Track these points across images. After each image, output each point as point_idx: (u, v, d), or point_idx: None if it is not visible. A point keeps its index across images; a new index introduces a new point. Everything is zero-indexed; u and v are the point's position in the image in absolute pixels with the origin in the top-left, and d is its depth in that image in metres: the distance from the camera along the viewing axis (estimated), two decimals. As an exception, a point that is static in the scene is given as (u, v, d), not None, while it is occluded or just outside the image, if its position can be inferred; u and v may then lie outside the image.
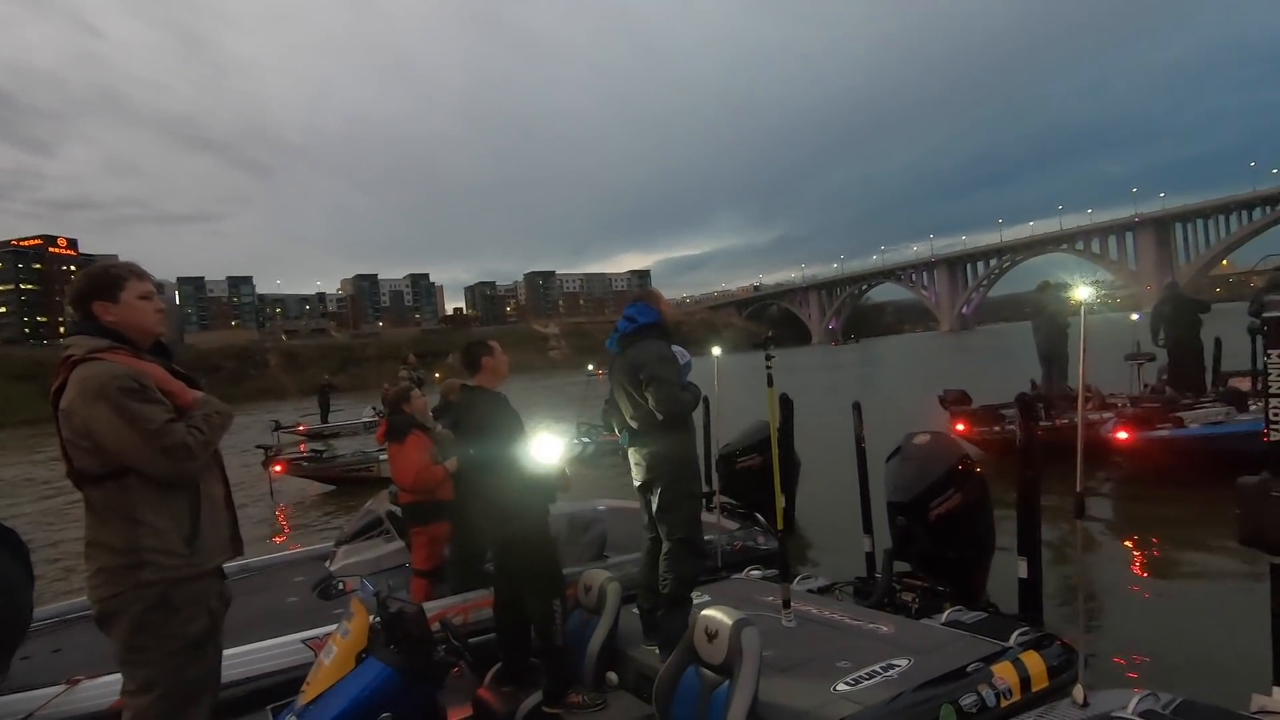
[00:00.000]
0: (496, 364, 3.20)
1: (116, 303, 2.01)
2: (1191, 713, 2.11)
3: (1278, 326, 2.26)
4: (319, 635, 3.35)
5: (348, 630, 2.48)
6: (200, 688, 2.00)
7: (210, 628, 2.01)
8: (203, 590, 1.99)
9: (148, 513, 1.90)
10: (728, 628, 2.30)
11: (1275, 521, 2.22)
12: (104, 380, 1.85)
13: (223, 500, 2.13)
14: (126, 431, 1.84)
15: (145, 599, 1.88)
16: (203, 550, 1.98)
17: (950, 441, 3.74)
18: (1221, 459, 5.55)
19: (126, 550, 1.88)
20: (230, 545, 2.14)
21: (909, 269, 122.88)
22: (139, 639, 1.89)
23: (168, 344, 2.19)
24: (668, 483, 3.11)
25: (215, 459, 2.13)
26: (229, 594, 2.16)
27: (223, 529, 2.10)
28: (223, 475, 2.16)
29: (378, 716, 2.29)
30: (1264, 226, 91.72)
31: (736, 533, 4.78)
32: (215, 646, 2.07)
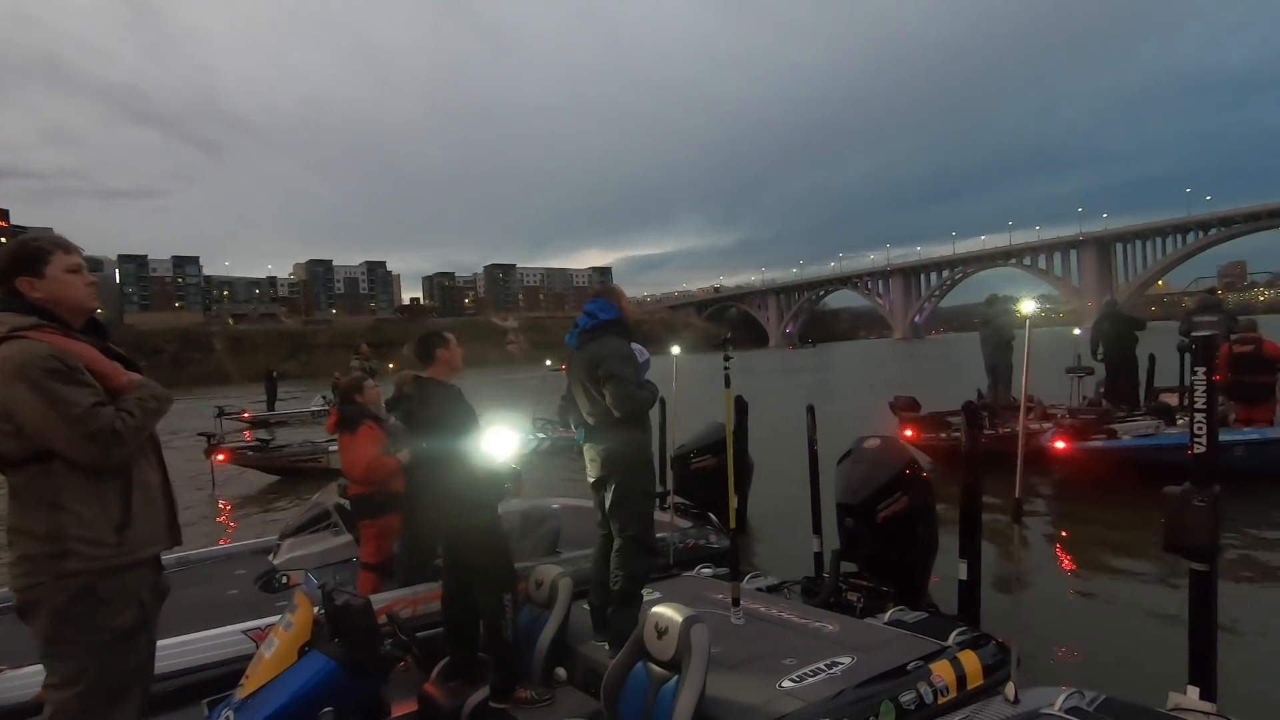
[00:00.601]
0: (451, 356, 3.15)
1: (42, 277, 1.91)
2: (1113, 709, 2.22)
3: (1204, 346, 2.39)
4: (260, 627, 3.27)
5: (290, 623, 2.43)
6: (128, 682, 1.93)
7: (141, 620, 1.94)
8: (133, 581, 1.92)
9: (73, 500, 1.81)
10: (677, 624, 2.32)
11: (1195, 530, 2.35)
12: (25, 359, 1.76)
13: (159, 488, 2.04)
14: (48, 414, 1.75)
15: (69, 589, 1.80)
16: (134, 540, 1.91)
17: (899, 447, 3.85)
18: (1150, 469, 5.83)
19: (49, 538, 1.79)
20: (166, 535, 2.06)
21: (865, 277, 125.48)
22: (62, 631, 1.81)
23: (104, 323, 2.10)
24: (622, 480, 3.13)
25: (152, 445, 2.05)
26: (165, 585, 2.09)
27: (158, 518, 2.02)
28: (160, 462, 2.08)
29: (319, 711, 2.25)
30: (1196, 250, 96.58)
31: (689, 531, 4.82)
32: (147, 639, 1.99)
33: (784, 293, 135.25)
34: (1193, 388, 2.35)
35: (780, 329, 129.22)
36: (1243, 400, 7.99)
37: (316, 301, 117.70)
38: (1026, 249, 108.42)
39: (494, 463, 3.11)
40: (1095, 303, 57.37)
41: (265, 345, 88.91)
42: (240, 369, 77.99)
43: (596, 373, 3.09)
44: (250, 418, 20.29)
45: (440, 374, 3.13)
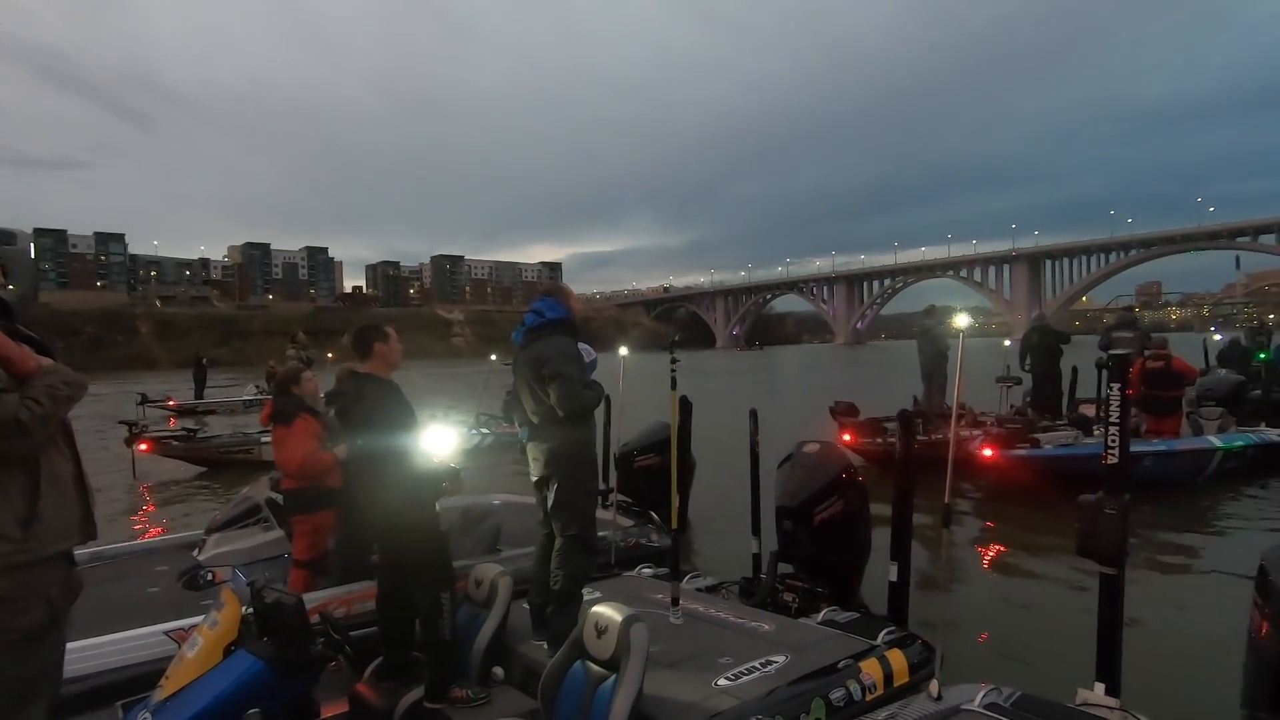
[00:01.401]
0: (389, 351, 3.08)
1: None
2: (1028, 705, 2.34)
3: (1120, 364, 2.55)
4: (183, 627, 3.13)
5: (216, 621, 2.35)
6: (34, 685, 1.82)
7: (49, 620, 1.83)
8: (40, 578, 1.80)
9: None
10: (617, 624, 2.34)
11: (1106, 536, 2.50)
12: None
13: (71, 479, 1.92)
14: None
15: None
16: (42, 534, 1.79)
17: (837, 451, 3.96)
18: (1069, 477, 6.15)
19: None
20: (79, 529, 1.94)
21: (811, 282, 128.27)
22: None
23: (13, 302, 1.96)
24: (565, 479, 3.12)
25: (64, 433, 1.92)
26: (77, 583, 1.98)
27: (70, 511, 1.90)
28: (73, 452, 1.95)
29: (245, 712, 2.18)
30: (1117, 269, 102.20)
31: (631, 530, 4.85)
32: (56, 640, 1.88)
33: (732, 295, 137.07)
34: (1108, 402, 2.50)
35: (727, 330, 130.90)
36: (1153, 413, 8.52)
37: (252, 286, 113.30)
38: (964, 262, 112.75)
39: (432, 460, 3.06)
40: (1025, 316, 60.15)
41: (195, 330, 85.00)
42: (167, 354, 74.36)
43: (542, 371, 3.08)
44: (176, 405, 19.41)
45: (377, 369, 3.05)
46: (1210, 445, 8.05)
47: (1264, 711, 2.18)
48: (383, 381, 3.01)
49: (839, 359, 55.74)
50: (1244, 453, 8.13)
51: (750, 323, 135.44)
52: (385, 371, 3.06)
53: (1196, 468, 7.89)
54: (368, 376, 3.02)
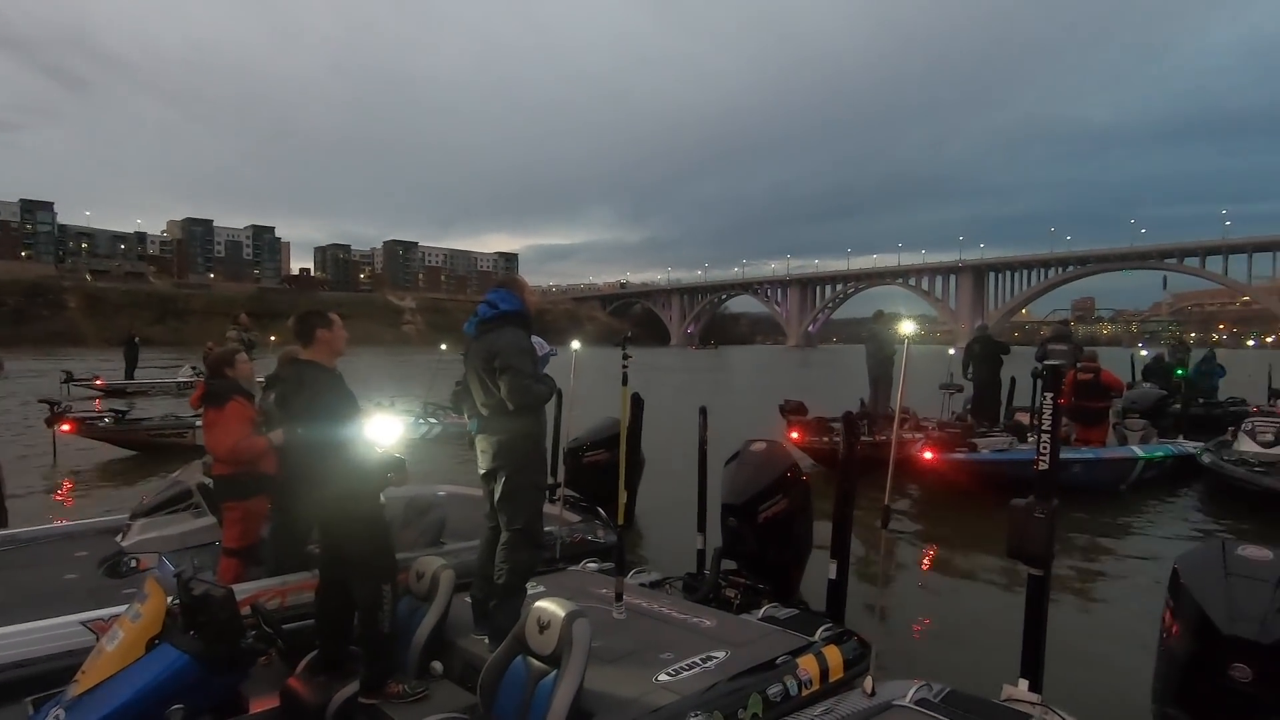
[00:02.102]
0: (333, 338, 2.98)
1: None
2: (955, 701, 2.42)
3: (1053, 374, 2.65)
4: (102, 617, 2.99)
5: (139, 613, 2.25)
6: None
7: None
8: None
9: None
10: (560, 619, 2.33)
11: (1034, 539, 2.60)
12: None
13: None
14: None
15: None
16: None
17: (783, 451, 4.02)
18: (1003, 482, 6.40)
19: None
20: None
21: (765, 284, 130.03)
22: None
23: None
24: (512, 472, 3.09)
25: None
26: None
27: None
28: None
29: (166, 709, 2.10)
30: (1056, 284, 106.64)
31: (577, 525, 4.83)
32: None
33: (688, 293, 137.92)
34: (1041, 410, 2.61)
35: (682, 329, 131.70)
36: (1082, 422, 8.92)
37: (193, 264, 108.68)
38: (913, 270, 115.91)
39: (375, 451, 2.99)
40: (969, 325, 62.20)
41: (129, 307, 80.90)
42: (97, 331, 70.59)
43: (493, 363, 3.04)
44: (104, 385, 18.45)
45: (320, 356, 2.95)
46: (1133, 455, 8.47)
47: (1171, 706, 2.31)
48: (325, 369, 2.92)
49: (791, 360, 56.69)
50: (1163, 463, 8.58)
51: (705, 322, 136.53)
52: (328, 359, 2.97)
53: (1120, 475, 8.29)
54: (309, 364, 2.93)
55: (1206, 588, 2.27)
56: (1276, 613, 2.13)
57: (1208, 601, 2.22)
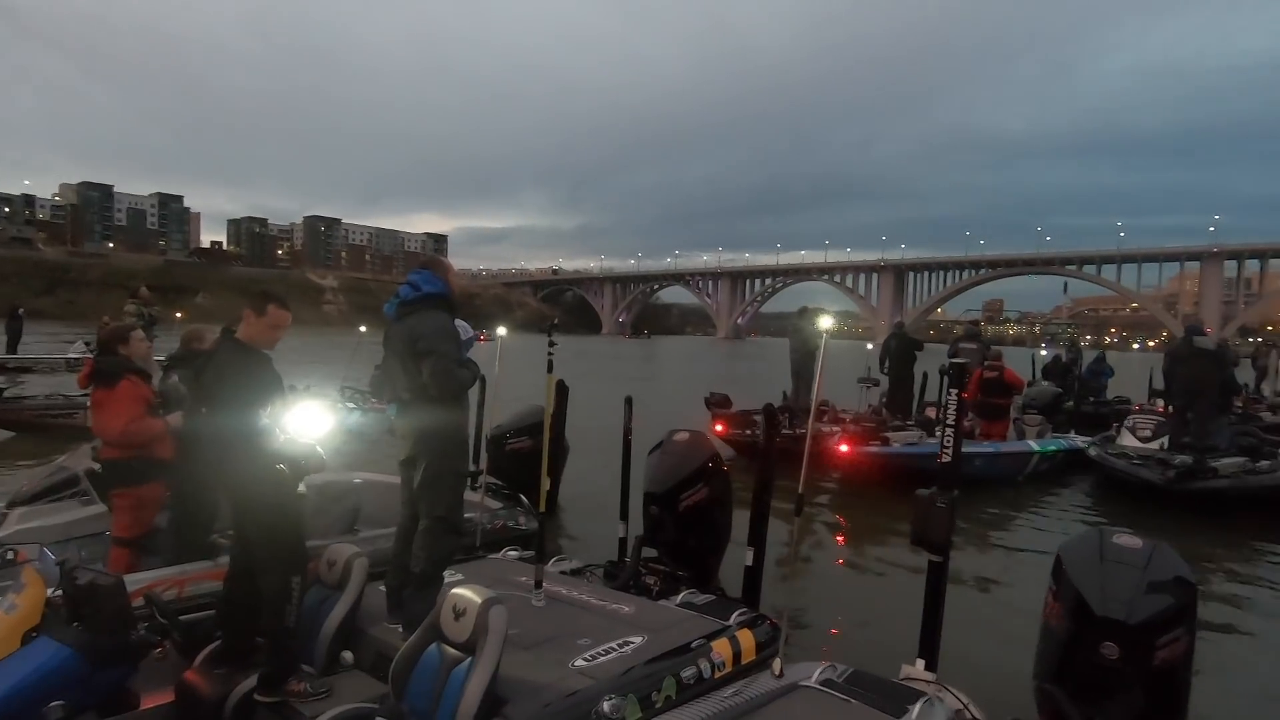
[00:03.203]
0: (259, 325, 2.82)
1: None
2: (858, 681, 2.54)
3: (957, 372, 2.80)
4: None
5: (14, 605, 2.10)
6: None
7: None
8: None
9: None
10: (476, 606, 2.31)
11: (935, 527, 2.76)
12: None
13: None
14: None
15: None
16: None
17: (705, 441, 4.09)
18: (912, 473, 6.72)
19: None
20: None
21: (697, 276, 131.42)
22: None
23: None
24: (433, 459, 3.03)
25: None
26: None
27: None
28: None
29: (45, 706, 1.96)
30: (969, 286, 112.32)
31: (498, 513, 4.79)
32: None
33: (620, 282, 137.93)
34: (946, 404, 2.75)
35: (614, 317, 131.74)
36: (986, 417, 9.47)
37: (89, 232, 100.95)
38: (838, 268, 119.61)
39: (294, 439, 2.86)
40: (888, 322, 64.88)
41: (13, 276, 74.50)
42: (-25, 300, 64.73)
43: (416, 347, 2.97)
44: (-18, 360, 16.95)
45: (256, 335, 2.81)
46: (1030, 449, 9.06)
47: (1049, 682, 2.50)
48: (255, 352, 2.78)
49: (720, 352, 57.69)
50: (1055, 456, 9.22)
51: (637, 311, 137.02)
52: (263, 342, 2.83)
53: (1018, 468, 8.86)
54: (240, 345, 2.78)
55: (1084, 573, 2.45)
56: (1142, 595, 2.32)
57: (1084, 585, 2.41)
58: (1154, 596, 2.32)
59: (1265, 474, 7.70)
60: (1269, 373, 16.78)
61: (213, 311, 56.28)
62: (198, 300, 76.32)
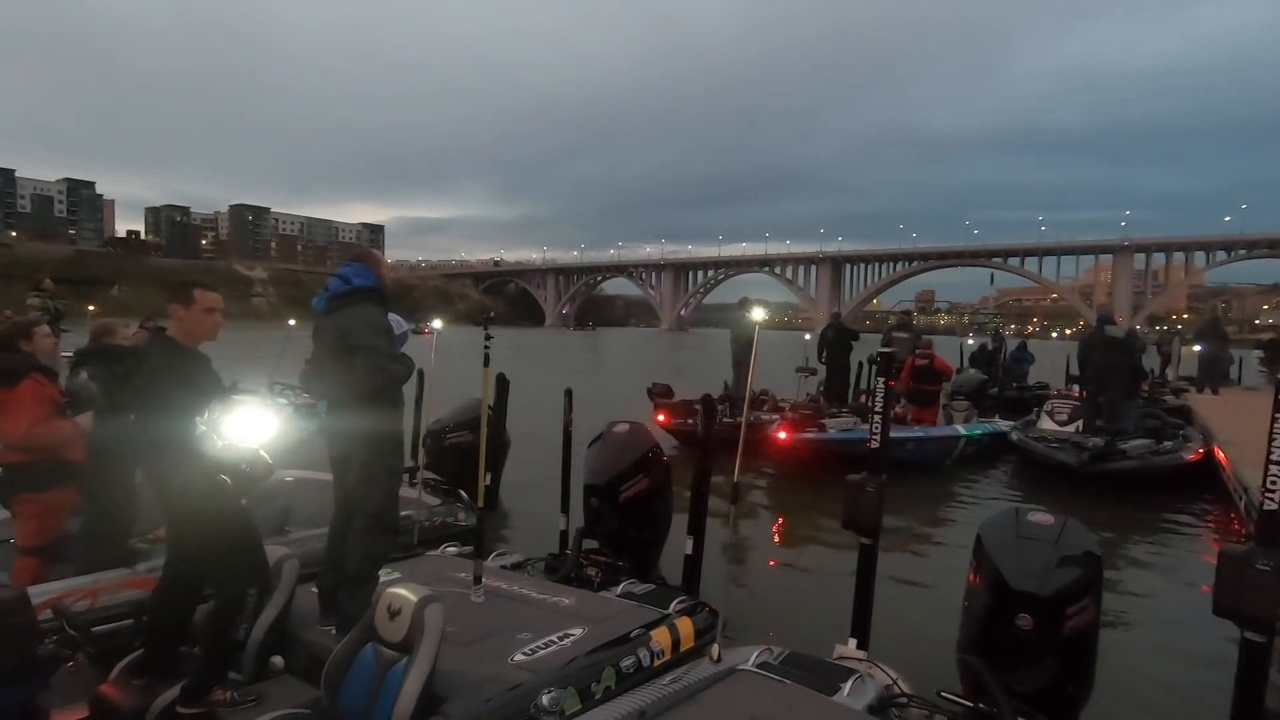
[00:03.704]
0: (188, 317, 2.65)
1: None
2: (793, 662, 2.62)
3: (885, 361, 2.90)
4: None
5: (-97, 623, 1.95)
6: None
7: None
8: None
9: None
10: (411, 605, 2.28)
11: (865, 511, 2.86)
12: None
13: None
14: None
15: None
16: None
17: (645, 432, 4.13)
18: (848, 459, 6.93)
19: None
20: None
21: (641, 267, 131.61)
22: None
23: None
24: (367, 456, 2.95)
25: None
26: None
27: None
28: None
29: None
30: (903, 278, 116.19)
31: (437, 509, 4.72)
32: None
33: (563, 274, 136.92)
34: (873, 392, 2.85)
35: (557, 309, 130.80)
36: (917, 404, 9.83)
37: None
38: (778, 259, 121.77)
39: (236, 446, 2.73)
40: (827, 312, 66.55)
41: (-100, 265, 68.80)
42: None
43: (347, 342, 2.88)
44: None
45: (193, 328, 2.65)
46: (957, 433, 9.47)
47: (971, 654, 2.63)
48: (183, 349, 2.62)
49: (664, 343, 58.02)
50: (981, 440, 9.66)
51: (580, 303, 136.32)
52: (192, 339, 2.67)
53: (946, 452, 9.24)
54: (171, 343, 2.61)
55: (1001, 550, 2.59)
56: (1054, 569, 2.47)
57: (1001, 561, 2.54)
58: (1064, 570, 2.47)
59: (1168, 454, 8.26)
60: (1172, 359, 18.00)
61: (130, 304, 53.18)
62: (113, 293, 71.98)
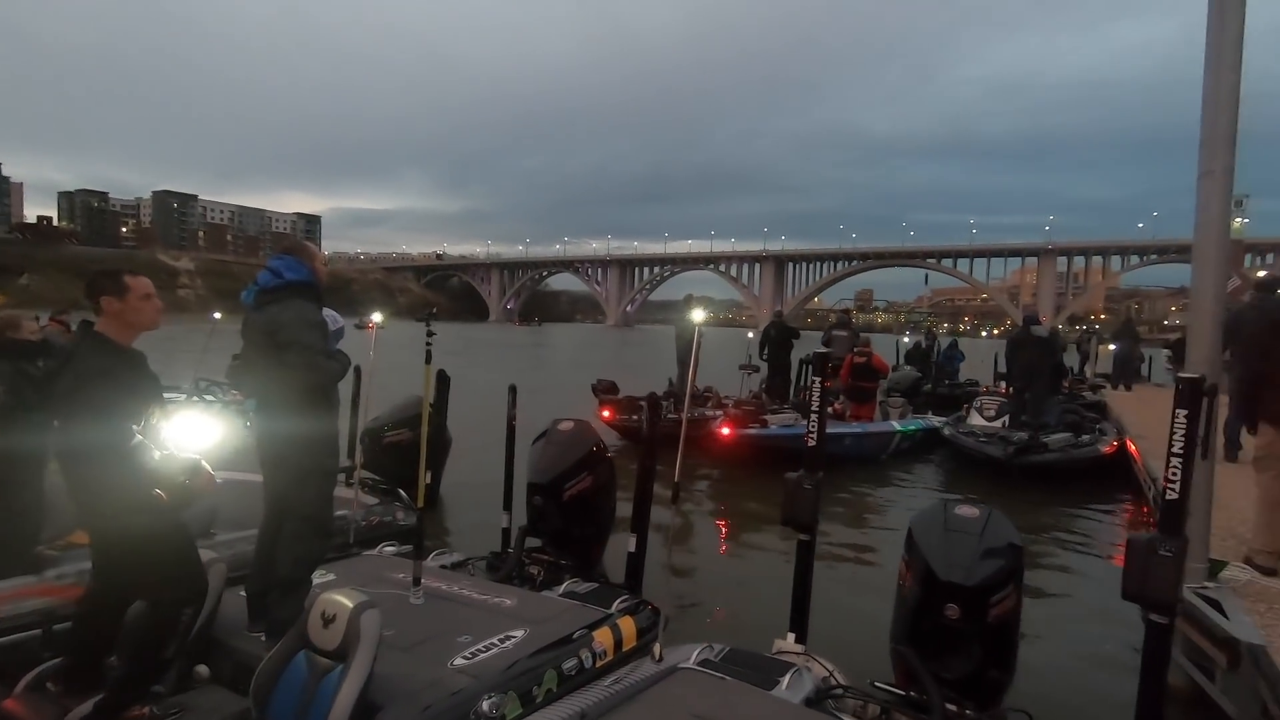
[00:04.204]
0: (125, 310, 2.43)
1: None
2: (734, 658, 2.66)
3: (819, 360, 2.97)
4: None
5: None
6: None
7: None
8: None
9: None
10: (347, 610, 2.21)
11: (802, 507, 2.93)
12: None
13: None
14: None
15: None
16: None
17: (589, 429, 4.12)
18: (788, 454, 7.06)
19: None
20: None
21: (587, 263, 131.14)
22: None
23: None
24: (300, 457, 2.85)
25: None
26: None
27: None
28: None
29: None
30: (843, 276, 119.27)
31: (374, 508, 4.59)
32: None
33: (508, 269, 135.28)
34: (810, 389, 2.92)
35: (502, 304, 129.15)
36: (855, 400, 10.12)
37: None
38: (723, 257, 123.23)
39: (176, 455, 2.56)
40: (770, 310, 67.69)
41: None
42: None
43: (277, 338, 2.77)
44: None
45: (131, 321, 2.44)
46: (893, 429, 9.79)
47: (903, 644, 2.72)
48: (121, 350, 2.42)
49: (610, 339, 58.00)
50: (915, 435, 10.01)
51: (525, 298, 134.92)
52: (125, 334, 2.45)
53: (882, 447, 9.54)
54: (100, 339, 2.40)
55: (930, 542, 2.69)
56: (979, 560, 2.58)
57: (931, 553, 2.64)
58: (988, 561, 2.58)
59: (1086, 447, 8.73)
60: (1090, 357, 19.05)
61: (41, 294, 49.92)
62: (22, 282, 67.60)
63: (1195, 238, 3.58)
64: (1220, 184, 3.43)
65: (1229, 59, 3.39)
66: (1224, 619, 3.07)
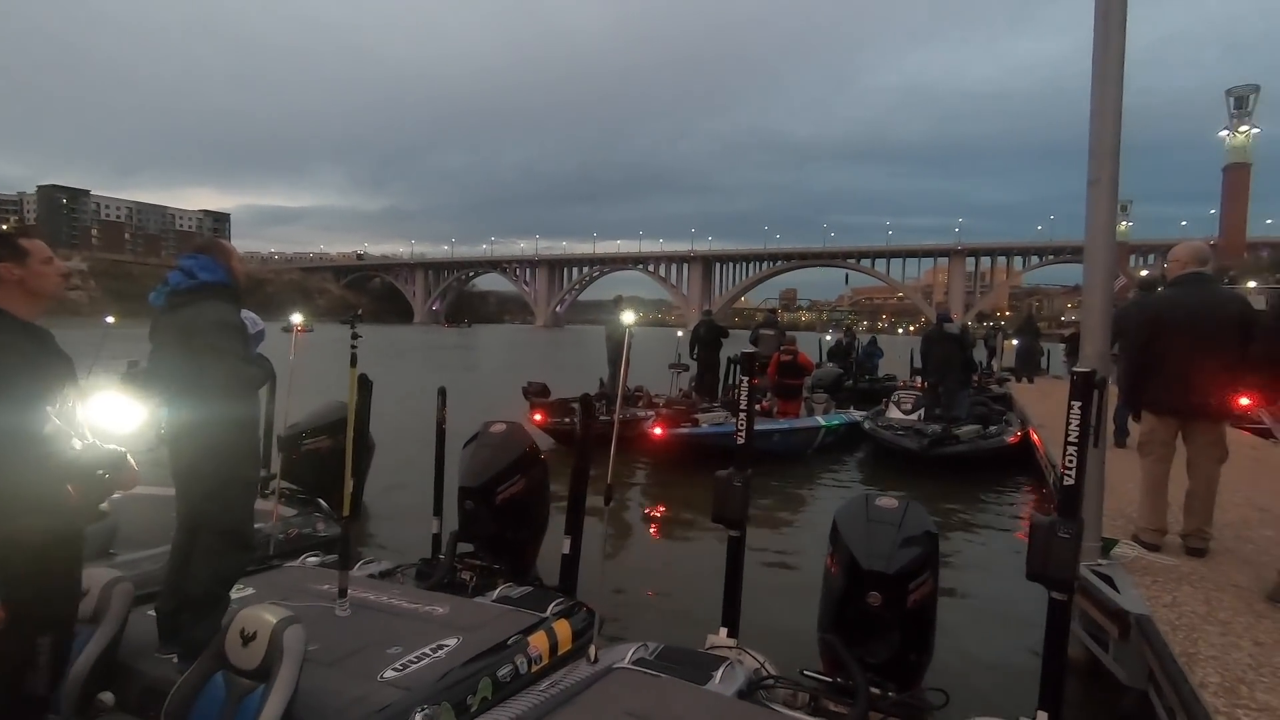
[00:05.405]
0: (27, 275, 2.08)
1: None
2: (668, 656, 2.70)
3: (746, 360, 3.05)
4: None
5: None
6: None
7: None
8: None
9: None
10: (269, 627, 2.13)
11: (732, 505, 3.00)
12: None
13: None
14: None
15: None
16: None
17: (521, 432, 4.08)
18: (719, 452, 7.19)
19: None
20: None
21: (514, 263, 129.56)
22: None
23: None
24: (217, 467, 2.69)
25: None
26: None
27: None
28: None
29: None
30: (768, 276, 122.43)
31: (293, 519, 4.42)
32: None
33: (433, 269, 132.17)
34: (738, 389, 2.99)
35: (427, 305, 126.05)
36: (783, 397, 10.40)
37: None
38: (651, 257, 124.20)
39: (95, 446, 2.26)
40: (699, 310, 68.65)
41: None
42: None
43: (192, 343, 2.62)
44: None
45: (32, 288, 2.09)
46: (818, 424, 10.11)
47: (829, 632, 2.83)
48: (22, 324, 2.09)
49: (540, 340, 57.48)
50: (839, 430, 10.37)
51: (452, 299, 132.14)
52: (21, 306, 2.10)
53: (808, 442, 9.84)
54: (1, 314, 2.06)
55: (853, 533, 2.80)
56: (898, 549, 2.71)
57: (854, 544, 2.76)
58: (907, 549, 2.72)
59: (993, 438, 9.27)
60: (997, 352, 20.24)
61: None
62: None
63: (1086, 241, 3.87)
64: (1106, 191, 3.72)
65: (1112, 75, 3.66)
66: (1115, 592, 3.32)
